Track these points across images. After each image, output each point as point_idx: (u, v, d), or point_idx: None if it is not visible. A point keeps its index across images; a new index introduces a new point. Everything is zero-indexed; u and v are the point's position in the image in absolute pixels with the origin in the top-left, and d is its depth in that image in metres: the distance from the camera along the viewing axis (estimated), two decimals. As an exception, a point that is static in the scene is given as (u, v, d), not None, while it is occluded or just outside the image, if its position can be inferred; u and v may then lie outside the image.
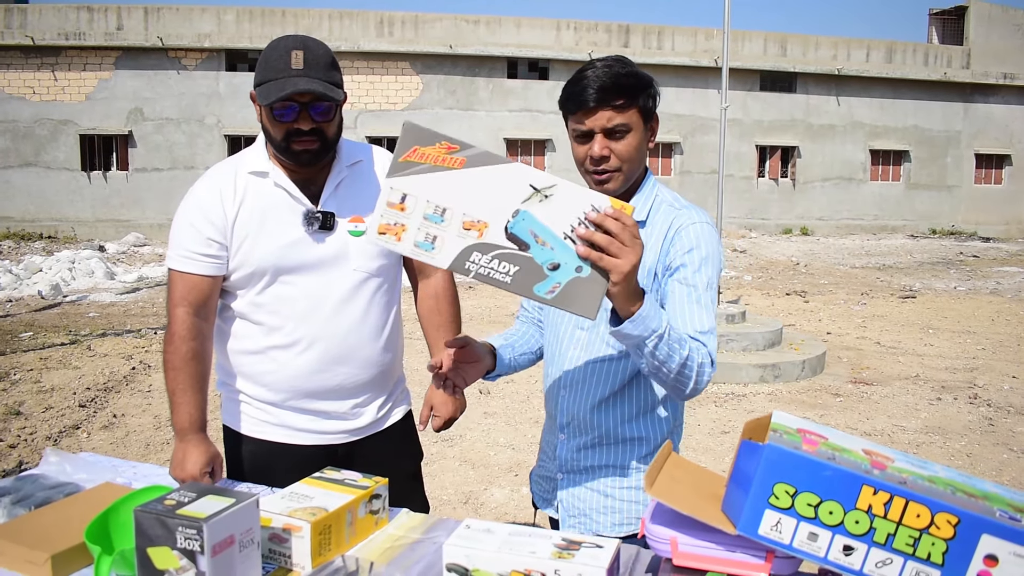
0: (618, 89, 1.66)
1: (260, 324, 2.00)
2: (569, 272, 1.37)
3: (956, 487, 1.23)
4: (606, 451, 1.85)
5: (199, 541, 1.28)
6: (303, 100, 1.85)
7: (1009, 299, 12.37)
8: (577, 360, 1.84)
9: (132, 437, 5.34)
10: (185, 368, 1.94)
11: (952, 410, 6.28)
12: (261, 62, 1.89)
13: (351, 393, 2.06)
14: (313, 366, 2.00)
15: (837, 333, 9.42)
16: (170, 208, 21.41)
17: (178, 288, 1.95)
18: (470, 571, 1.30)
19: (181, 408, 1.96)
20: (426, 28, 22.97)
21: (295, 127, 1.87)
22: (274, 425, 2.06)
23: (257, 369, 2.03)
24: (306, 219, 1.96)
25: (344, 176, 2.02)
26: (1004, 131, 27.33)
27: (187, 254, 1.94)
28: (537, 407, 6.13)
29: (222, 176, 1.99)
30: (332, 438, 2.07)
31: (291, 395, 2.03)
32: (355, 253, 2.00)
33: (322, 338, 1.99)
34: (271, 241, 1.95)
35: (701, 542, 1.29)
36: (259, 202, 1.96)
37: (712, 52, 24.59)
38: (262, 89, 1.86)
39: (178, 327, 1.93)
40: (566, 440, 1.88)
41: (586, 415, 1.83)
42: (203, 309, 1.96)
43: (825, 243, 23.07)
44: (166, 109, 21.70)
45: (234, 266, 1.96)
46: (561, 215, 1.36)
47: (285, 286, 1.97)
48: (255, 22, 22.05)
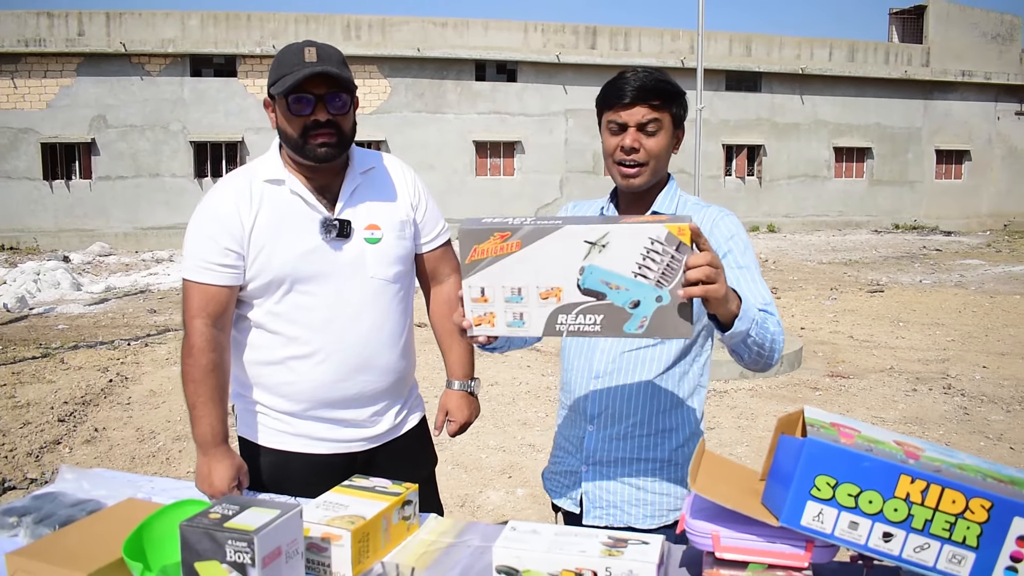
0: (656, 91, 1.78)
1: (278, 334, 1.99)
2: (651, 305, 1.39)
3: (985, 474, 1.28)
4: (638, 442, 1.89)
5: (250, 553, 1.29)
6: (319, 92, 1.87)
7: (973, 291, 12.65)
8: (611, 351, 1.87)
9: (116, 451, 5.27)
10: (205, 380, 1.91)
11: (928, 401, 6.43)
12: (274, 65, 1.92)
13: (370, 401, 2.06)
14: (333, 375, 2.00)
15: (811, 328, 9.57)
16: (136, 216, 21.34)
17: (195, 299, 1.93)
18: (520, 572, 1.32)
19: (203, 421, 1.93)
20: (393, 31, 22.92)
21: (312, 119, 1.88)
22: (293, 435, 2.05)
23: (275, 380, 2.02)
24: (323, 227, 1.95)
25: (359, 183, 2.03)
26: (963, 127, 27.95)
27: (204, 264, 1.92)
28: (523, 408, 6.16)
29: (237, 185, 1.98)
30: (351, 446, 2.07)
31: (311, 405, 2.02)
32: (372, 260, 2.01)
33: (341, 347, 1.99)
34: (289, 250, 1.94)
35: (742, 535, 1.33)
36: (276, 210, 1.96)
37: (678, 53, 24.85)
38: (279, 83, 1.87)
39: (197, 339, 1.91)
40: (595, 431, 1.90)
41: (621, 405, 1.87)
42: (220, 320, 1.95)
43: (792, 240, 23.40)
44: (130, 116, 21.40)
45: (251, 275, 1.95)
46: (624, 257, 1.39)
47: (303, 295, 1.96)
48: (219, 27, 21.84)
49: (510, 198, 23.66)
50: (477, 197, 23.03)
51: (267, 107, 1.99)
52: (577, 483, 1.95)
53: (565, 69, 24.16)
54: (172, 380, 7.06)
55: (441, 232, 2.21)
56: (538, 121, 24.15)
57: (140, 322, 10.22)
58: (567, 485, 1.98)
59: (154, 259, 18.47)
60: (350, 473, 1.86)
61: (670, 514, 1.89)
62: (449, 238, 2.25)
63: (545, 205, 24.19)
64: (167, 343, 8.72)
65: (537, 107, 24.15)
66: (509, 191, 23.81)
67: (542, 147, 24.21)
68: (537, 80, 24.13)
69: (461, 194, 22.35)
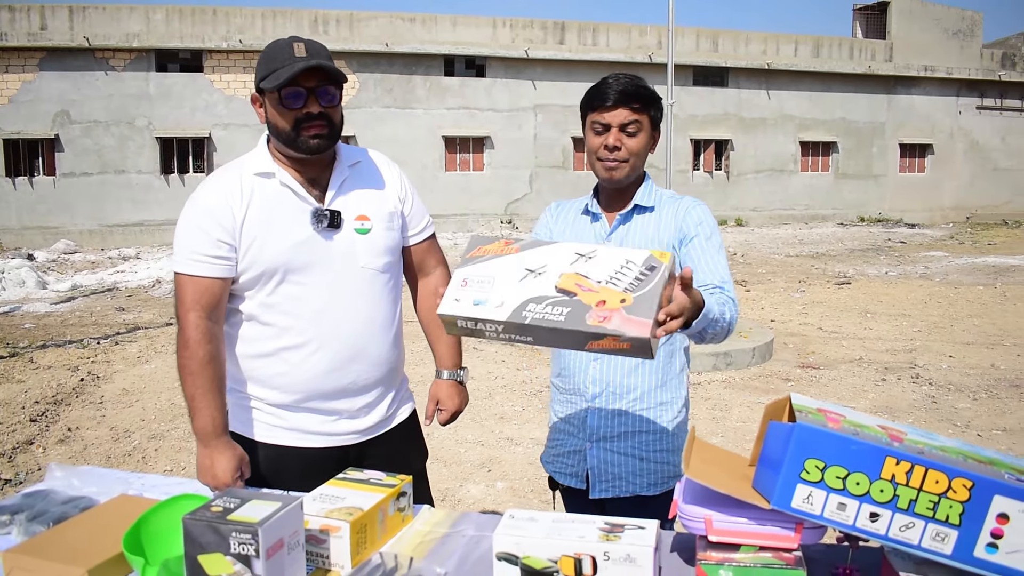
0: (636, 95, 1.99)
1: (270, 325, 2.01)
2: (615, 304, 1.45)
3: (965, 455, 1.33)
4: (639, 416, 2.05)
5: (254, 545, 1.30)
6: (309, 85, 1.91)
7: (938, 282, 12.90)
8: None
9: (91, 450, 5.23)
10: (203, 372, 1.91)
11: (897, 390, 6.56)
12: (262, 60, 1.95)
13: (362, 391, 2.09)
14: (326, 365, 2.02)
15: (780, 320, 9.70)
16: (101, 214, 21.03)
17: (188, 292, 1.94)
18: (520, 558, 1.36)
19: (203, 412, 1.92)
20: (361, 26, 22.78)
21: (304, 112, 1.92)
22: (286, 429, 2.06)
23: (268, 372, 2.03)
24: (314, 217, 1.98)
25: (347, 176, 2.07)
26: (926, 121, 28.41)
27: (197, 257, 1.94)
28: (500, 403, 6.20)
29: (227, 179, 2.00)
30: (343, 439, 2.09)
31: (304, 396, 2.03)
32: (362, 251, 2.04)
33: (335, 336, 2.01)
34: (280, 241, 1.96)
35: (734, 518, 1.37)
36: (266, 202, 1.98)
37: (646, 48, 24.98)
38: (270, 78, 1.90)
39: (192, 332, 1.91)
40: (598, 409, 2.05)
41: (621, 382, 2.04)
42: (215, 312, 1.96)
43: (760, 233, 23.66)
44: (94, 111, 21.04)
45: (243, 267, 1.96)
46: (602, 268, 1.51)
47: (295, 286, 1.99)
48: (185, 21, 21.55)
49: (480, 193, 23.67)
50: (447, 192, 23.00)
51: (255, 102, 2.01)
52: (582, 461, 2.10)
53: (534, 64, 24.19)
54: (145, 379, 7.00)
55: (427, 225, 2.26)
56: (507, 116, 24.16)
57: (109, 320, 10.09)
58: (571, 464, 2.13)
59: (121, 256, 18.22)
60: (343, 467, 1.88)
61: (671, 480, 2.07)
62: (434, 232, 2.30)
63: (515, 200, 24.24)
64: (137, 341, 8.63)
65: (506, 102, 24.15)
66: (479, 186, 23.81)
67: (511, 142, 24.23)
68: (506, 75, 24.13)
69: (431, 189, 22.27)
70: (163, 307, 11.02)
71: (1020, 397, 6.30)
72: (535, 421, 5.76)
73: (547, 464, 2.22)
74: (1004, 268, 14.85)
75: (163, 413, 6.02)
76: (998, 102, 29.21)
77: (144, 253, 18.77)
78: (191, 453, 5.16)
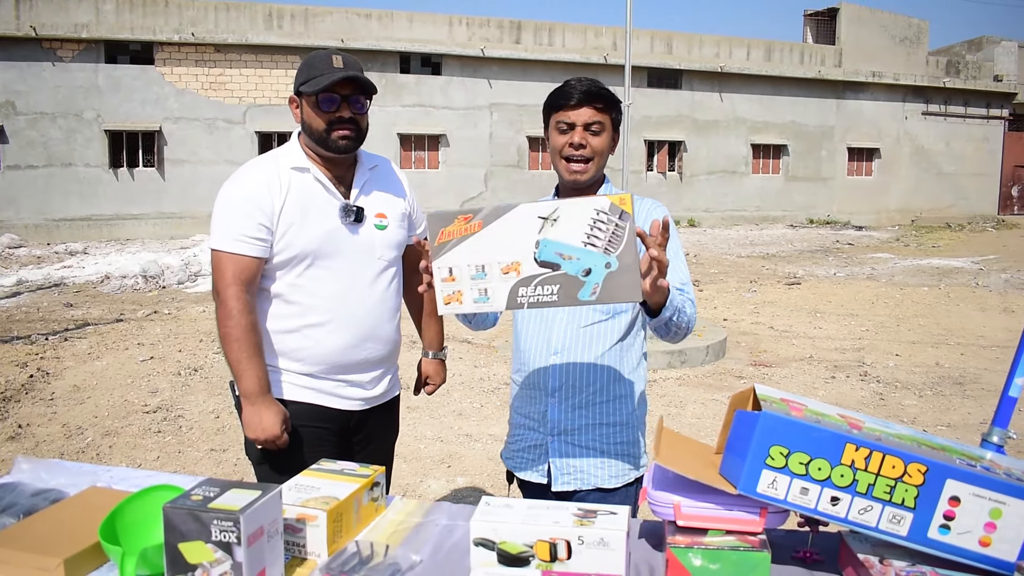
0: (599, 95, 2.06)
1: (296, 303, 2.22)
2: (601, 272, 1.56)
3: (919, 442, 1.41)
4: (598, 409, 2.09)
5: (236, 532, 1.32)
6: (344, 92, 2.17)
7: (884, 283, 13.24)
8: (566, 328, 2.09)
9: (43, 447, 5.13)
10: (247, 338, 2.12)
11: (846, 387, 6.74)
12: (304, 68, 2.20)
13: (373, 366, 2.34)
14: (345, 341, 2.25)
15: (733, 319, 9.88)
16: (47, 207, 20.54)
17: (230, 268, 2.14)
18: (497, 543, 1.39)
19: (248, 374, 2.12)
20: (316, 22, 22.59)
21: (337, 115, 2.16)
22: (308, 389, 2.27)
23: (293, 345, 2.24)
24: (343, 211, 2.23)
25: (368, 177, 2.32)
26: (873, 126, 29.14)
27: (240, 237, 2.14)
28: (458, 399, 6.23)
29: (265, 170, 2.22)
30: (354, 403, 2.33)
31: (326, 368, 2.25)
32: (379, 244, 2.30)
33: (353, 318, 2.25)
34: (314, 229, 2.19)
35: (701, 503, 1.43)
36: (301, 194, 2.20)
37: (601, 49, 25.18)
38: (310, 83, 2.15)
39: (234, 303, 2.11)
40: (557, 403, 2.10)
41: (581, 376, 2.08)
42: (252, 286, 2.17)
43: (712, 234, 24.01)
44: (41, 103, 20.51)
45: (278, 249, 2.18)
46: (573, 229, 1.57)
47: (321, 270, 2.21)
48: (136, 12, 21.12)
49: (435, 192, 23.62)
50: (403, 190, 22.89)
51: (292, 104, 2.26)
52: (543, 455, 2.13)
53: (490, 63, 24.22)
54: (96, 375, 6.88)
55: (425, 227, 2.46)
56: (463, 115, 24.16)
57: (57, 316, 9.87)
58: (532, 459, 2.16)
59: (67, 251, 17.80)
60: (346, 429, 2.29)
61: (630, 472, 2.12)
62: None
63: (470, 199, 24.24)
64: (87, 337, 8.46)
65: (462, 100, 24.15)
66: (434, 184, 23.76)
67: (467, 140, 24.24)
68: (462, 74, 24.12)
69: (387, 187, 22.16)
70: (112, 303, 10.81)
71: (963, 394, 6.52)
72: (493, 418, 5.80)
73: (507, 460, 2.25)
74: (948, 270, 15.31)
75: (116, 410, 5.92)
76: (943, 108, 30.09)
77: (92, 248, 18.36)
78: (146, 450, 5.11)
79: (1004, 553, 1.32)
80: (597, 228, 1.54)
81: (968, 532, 1.32)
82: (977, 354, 7.99)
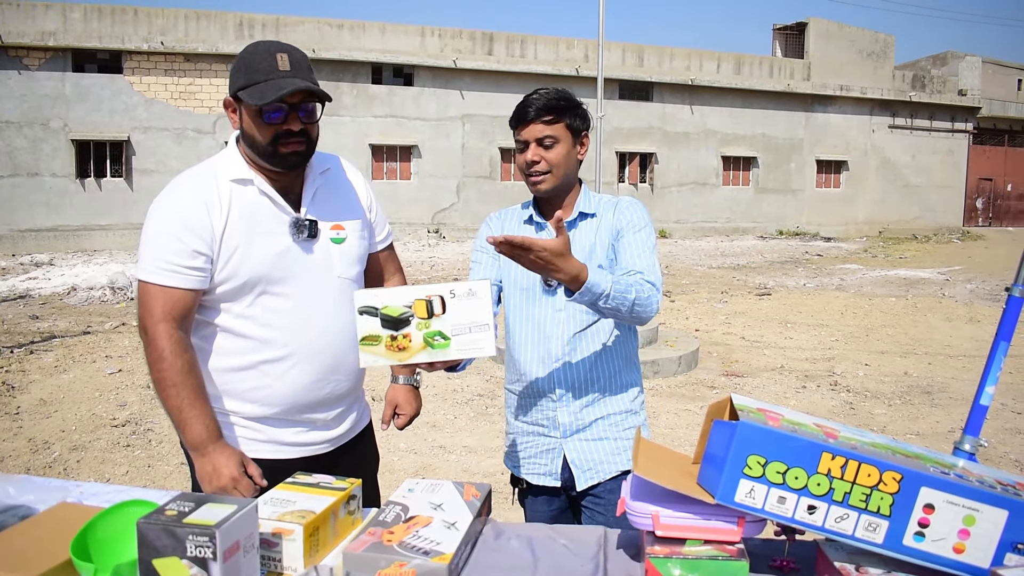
0: (548, 108, 2.06)
1: (248, 338, 1.95)
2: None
3: (894, 450, 1.42)
4: (606, 402, 2.15)
5: (211, 548, 1.30)
6: (293, 101, 1.86)
7: (853, 294, 13.42)
8: (564, 336, 2.13)
9: (9, 463, 5.03)
10: (185, 382, 1.84)
11: (817, 396, 6.81)
12: (241, 66, 1.88)
13: (338, 402, 2.08)
14: (310, 377, 1.99)
15: (705, 330, 9.95)
16: (12, 218, 20.22)
17: (159, 303, 1.85)
18: (380, 308, 1.63)
19: (193, 423, 1.84)
20: (288, 31, 22.47)
21: (284, 128, 1.87)
22: (262, 442, 2.02)
23: (245, 385, 1.97)
24: (294, 227, 1.94)
25: (319, 184, 2.04)
26: (841, 139, 29.60)
27: (170, 267, 1.86)
28: (432, 411, 6.20)
29: (202, 184, 1.91)
30: (316, 449, 2.07)
31: (284, 409, 2.00)
32: (338, 260, 2.02)
33: (317, 348, 1.98)
34: (262, 251, 1.91)
35: (680, 513, 1.43)
36: (245, 211, 1.91)
37: (573, 61, 25.33)
38: (253, 90, 1.83)
39: (166, 342, 1.84)
40: (566, 405, 2.14)
41: (585, 376, 2.13)
42: (185, 323, 1.89)
43: (683, 245, 24.20)
44: (6, 112, 20.19)
45: (222, 278, 1.90)
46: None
47: (275, 297, 1.94)
48: (104, 20, 20.90)
49: (407, 202, 23.59)
50: (376, 201, 22.82)
51: (228, 107, 1.95)
52: (558, 458, 2.17)
53: (462, 74, 24.27)
54: (63, 389, 6.77)
55: (388, 233, 2.30)
56: (435, 126, 24.17)
57: (22, 328, 9.70)
58: (545, 464, 2.20)
59: (33, 263, 17.52)
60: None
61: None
62: (392, 239, 2.35)
63: (442, 209, 24.23)
64: (54, 350, 8.32)
65: (434, 112, 24.16)
66: (406, 195, 23.73)
67: (439, 152, 24.24)
68: (434, 84, 24.14)
69: (360, 198, 22.07)
70: (79, 315, 10.65)
71: (932, 403, 6.62)
72: (467, 429, 5.78)
73: (516, 468, 2.26)
74: (915, 280, 15.55)
75: (84, 424, 5.82)
76: (909, 121, 30.63)
77: (58, 259, 18.08)
78: (115, 464, 5.03)
79: (978, 560, 1.34)
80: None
81: (942, 539, 1.34)
82: (944, 363, 8.11)
